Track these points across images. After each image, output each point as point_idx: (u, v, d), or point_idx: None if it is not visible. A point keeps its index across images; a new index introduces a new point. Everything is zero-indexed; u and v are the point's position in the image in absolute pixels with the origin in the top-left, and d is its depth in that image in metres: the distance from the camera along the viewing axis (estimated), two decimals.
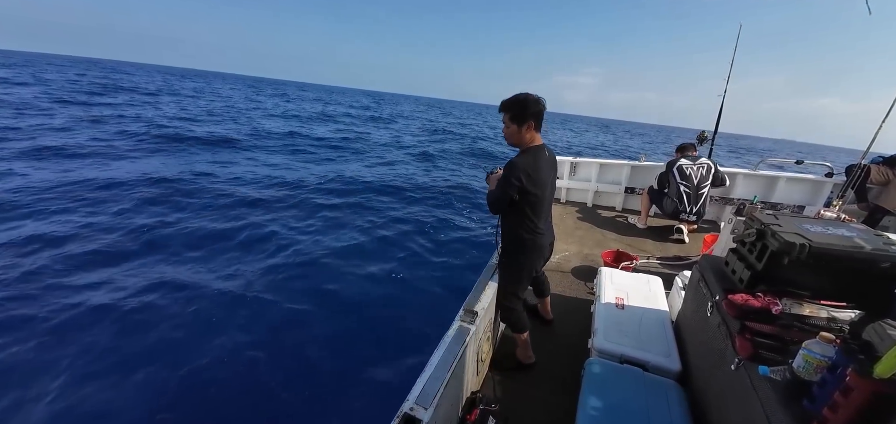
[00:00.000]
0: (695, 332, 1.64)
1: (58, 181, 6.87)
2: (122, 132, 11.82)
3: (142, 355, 3.16)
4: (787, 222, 1.30)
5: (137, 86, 32.30)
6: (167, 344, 3.30)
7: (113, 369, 3.01)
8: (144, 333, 3.40)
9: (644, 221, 4.06)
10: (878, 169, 3.45)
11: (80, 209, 5.87)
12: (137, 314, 3.60)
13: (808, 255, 1.14)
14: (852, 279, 1.17)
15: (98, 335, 3.32)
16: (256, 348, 3.37)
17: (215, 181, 7.94)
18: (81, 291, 3.87)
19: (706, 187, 3.61)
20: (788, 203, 4.06)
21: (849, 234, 1.23)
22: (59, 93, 20.08)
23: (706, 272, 1.55)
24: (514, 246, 1.88)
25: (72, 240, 4.85)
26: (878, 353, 0.84)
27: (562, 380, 2.00)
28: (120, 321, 3.50)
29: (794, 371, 0.99)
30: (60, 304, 3.64)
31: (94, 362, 3.06)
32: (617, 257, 3.19)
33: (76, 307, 3.62)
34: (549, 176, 1.78)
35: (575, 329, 2.36)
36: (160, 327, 3.48)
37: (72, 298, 3.73)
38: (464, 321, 1.74)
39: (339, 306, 4.07)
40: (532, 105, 1.66)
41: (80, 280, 4.05)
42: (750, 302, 1.21)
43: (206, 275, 4.38)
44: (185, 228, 5.52)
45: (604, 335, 1.83)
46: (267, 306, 3.97)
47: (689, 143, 3.91)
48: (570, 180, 4.78)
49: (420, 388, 1.37)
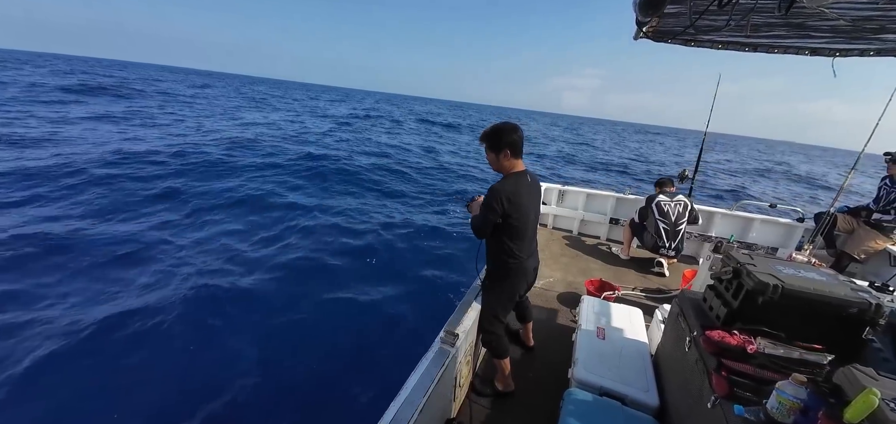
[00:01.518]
0: (673, 367, 1.64)
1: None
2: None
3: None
4: (761, 263, 1.34)
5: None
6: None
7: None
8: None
9: (627, 252, 4.14)
10: (844, 218, 3.65)
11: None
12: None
13: (780, 296, 1.17)
14: (822, 322, 1.20)
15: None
16: (212, 365, 3.19)
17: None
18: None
19: (683, 223, 3.73)
20: (763, 244, 4.22)
21: (819, 278, 1.28)
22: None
23: (685, 307, 1.57)
24: (498, 270, 1.87)
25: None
26: (848, 397, 0.85)
27: (541, 410, 1.96)
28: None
29: (769, 412, 0.99)
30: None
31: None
32: (600, 287, 3.21)
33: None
34: (531, 201, 1.80)
35: (556, 356, 2.34)
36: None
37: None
38: (444, 343, 1.70)
39: (308, 320, 3.92)
40: (506, 134, 1.74)
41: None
42: (726, 339, 1.22)
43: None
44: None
45: (584, 365, 1.81)
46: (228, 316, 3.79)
47: (668, 178, 4.05)
48: (557, 207, 4.86)
49: (393, 413, 1.31)
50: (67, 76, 30.45)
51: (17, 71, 31.14)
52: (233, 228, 5.92)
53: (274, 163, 10.40)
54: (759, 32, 1.95)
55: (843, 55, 2.00)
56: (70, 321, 3.37)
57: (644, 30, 1.82)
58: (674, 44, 2.28)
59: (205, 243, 5.25)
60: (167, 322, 3.51)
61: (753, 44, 2.11)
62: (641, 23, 1.71)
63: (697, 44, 2.17)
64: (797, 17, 1.65)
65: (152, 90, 28.74)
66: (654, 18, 1.78)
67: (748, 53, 2.24)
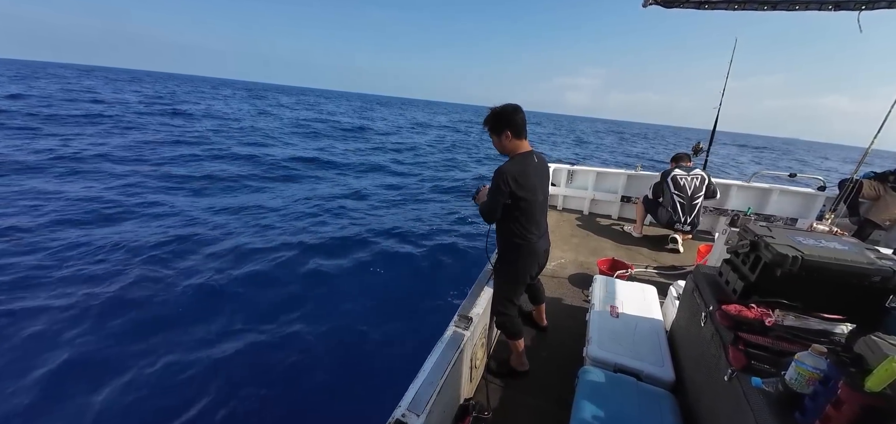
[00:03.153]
0: (688, 342, 1.64)
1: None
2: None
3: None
4: (779, 234, 1.31)
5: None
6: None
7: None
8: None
9: (639, 230, 4.08)
10: (869, 184, 3.51)
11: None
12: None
13: (800, 267, 1.15)
14: (844, 291, 1.18)
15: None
16: (243, 345, 3.33)
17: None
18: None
19: (700, 197, 3.64)
20: (781, 215, 4.10)
21: (840, 247, 1.24)
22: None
23: (700, 282, 1.56)
24: (508, 252, 1.88)
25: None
26: (870, 366, 0.84)
27: (555, 388, 1.99)
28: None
29: (787, 383, 0.99)
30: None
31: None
32: (612, 266, 3.19)
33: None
34: (538, 181, 1.80)
35: (569, 337, 2.36)
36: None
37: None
38: (458, 327, 1.73)
39: (335, 304, 4.04)
40: (505, 116, 1.74)
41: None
42: (743, 313, 1.21)
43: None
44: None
45: (598, 343, 1.82)
46: (255, 296, 3.93)
47: (684, 153, 3.95)
48: (567, 188, 4.80)
49: (413, 394, 1.35)
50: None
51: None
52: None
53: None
54: None
55: (869, 7, 1.88)
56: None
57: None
58: (686, 8, 2.18)
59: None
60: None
61: (772, 2, 2.00)
62: None
63: (711, 6, 2.07)
64: None
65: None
66: None
67: (767, 11, 2.12)
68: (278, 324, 3.68)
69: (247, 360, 3.20)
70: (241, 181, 8.65)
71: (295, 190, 8.45)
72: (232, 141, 13.79)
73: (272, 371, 3.13)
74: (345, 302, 4.13)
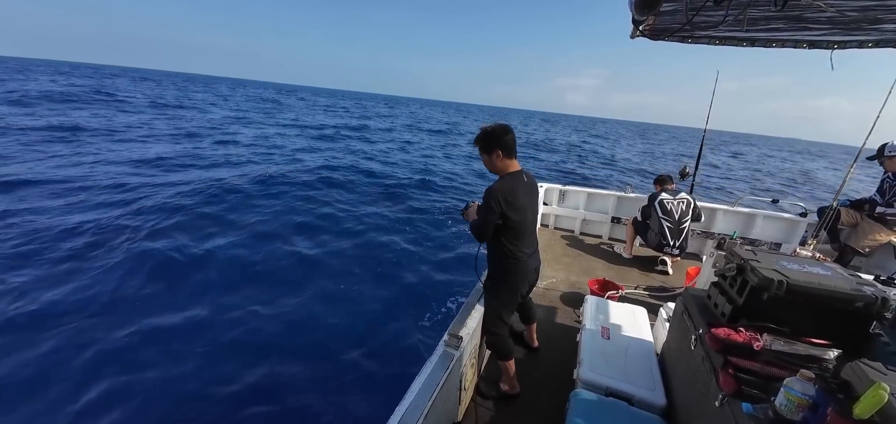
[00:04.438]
0: (679, 365, 1.63)
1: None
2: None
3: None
4: (765, 259, 1.33)
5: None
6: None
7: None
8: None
9: (630, 251, 4.12)
10: (847, 211, 3.63)
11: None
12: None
13: (785, 291, 1.17)
14: (829, 316, 1.19)
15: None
16: (221, 362, 3.19)
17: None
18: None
19: (687, 221, 3.71)
20: (766, 240, 4.20)
21: (823, 272, 1.27)
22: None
23: (690, 305, 1.56)
24: (499, 271, 1.87)
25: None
26: (857, 393, 0.84)
27: (547, 411, 1.94)
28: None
29: (777, 409, 0.98)
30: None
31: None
32: (603, 286, 3.20)
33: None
34: (528, 200, 1.82)
35: (561, 357, 2.33)
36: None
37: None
38: (448, 346, 1.69)
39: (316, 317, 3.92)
40: (495, 136, 1.76)
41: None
42: (732, 337, 1.21)
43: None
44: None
45: (589, 366, 1.80)
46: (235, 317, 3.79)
47: (667, 175, 4.03)
48: (558, 207, 4.85)
49: (399, 417, 1.31)
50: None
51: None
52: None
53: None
54: (756, 26, 1.95)
55: (841, 47, 1.99)
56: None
57: (640, 28, 1.82)
58: (671, 41, 2.28)
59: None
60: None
61: (751, 38, 2.11)
62: (638, 21, 1.72)
63: (695, 40, 2.17)
64: (794, 10, 1.65)
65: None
66: (650, 16, 1.78)
67: (746, 47, 2.23)
68: (253, 339, 3.54)
69: (220, 383, 3.06)
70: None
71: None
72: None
73: (245, 386, 2.99)
74: (327, 316, 4.01)
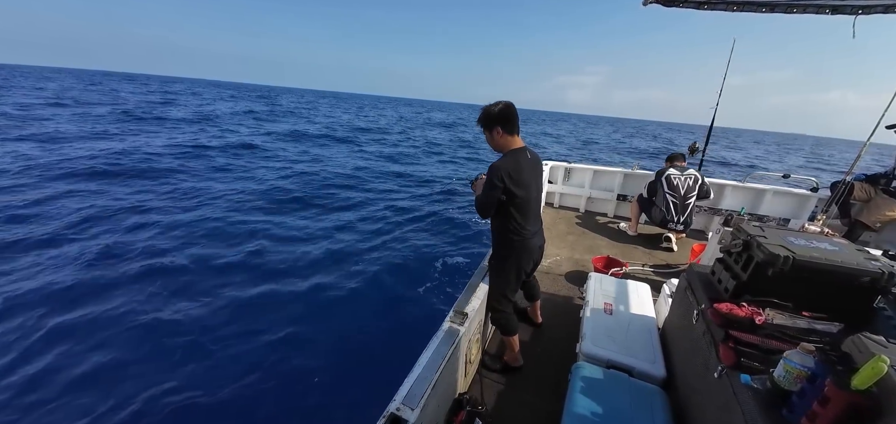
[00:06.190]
0: (680, 339, 1.66)
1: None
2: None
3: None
4: (772, 235, 1.33)
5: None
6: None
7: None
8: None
9: (634, 228, 4.11)
10: (860, 186, 3.56)
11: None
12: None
13: (791, 267, 1.17)
14: (833, 291, 1.20)
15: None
16: (235, 343, 3.32)
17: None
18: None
19: (693, 197, 3.67)
20: (774, 216, 4.15)
21: (831, 248, 1.26)
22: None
23: (693, 281, 1.57)
24: (503, 248, 1.89)
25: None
26: (856, 365, 0.86)
27: (549, 383, 2.01)
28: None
29: (775, 380, 1.00)
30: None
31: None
32: (607, 264, 3.22)
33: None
34: (532, 177, 1.81)
35: (564, 333, 2.38)
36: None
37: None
38: (454, 322, 1.74)
39: (327, 300, 4.03)
40: (495, 113, 1.75)
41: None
42: (734, 311, 1.23)
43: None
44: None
45: (591, 340, 1.84)
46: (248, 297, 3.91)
47: (679, 153, 3.97)
48: (563, 186, 4.81)
49: (407, 388, 1.36)
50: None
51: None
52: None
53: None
54: None
55: (866, 12, 1.90)
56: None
57: None
58: (685, 8, 2.19)
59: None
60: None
61: (770, 3, 2.01)
62: None
63: (710, 6, 2.08)
64: None
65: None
66: None
67: (765, 13, 2.13)
68: (272, 320, 3.67)
69: (239, 356, 3.19)
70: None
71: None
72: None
73: (266, 365, 3.12)
74: (340, 298, 4.12)
